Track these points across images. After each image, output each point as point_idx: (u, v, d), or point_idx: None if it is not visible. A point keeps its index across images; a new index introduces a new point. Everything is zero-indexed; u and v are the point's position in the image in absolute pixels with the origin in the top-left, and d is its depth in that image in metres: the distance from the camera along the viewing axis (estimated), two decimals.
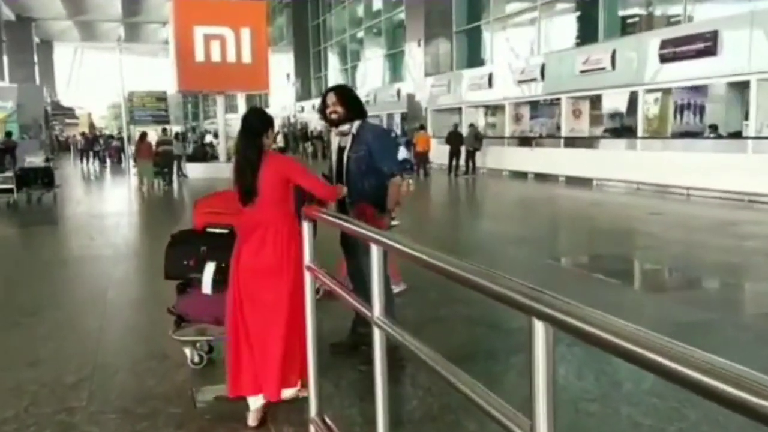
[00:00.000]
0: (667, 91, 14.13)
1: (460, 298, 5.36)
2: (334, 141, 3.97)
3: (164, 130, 20.74)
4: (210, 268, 3.64)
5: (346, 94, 3.90)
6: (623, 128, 15.89)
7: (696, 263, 7.03)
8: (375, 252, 1.98)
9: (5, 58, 39.33)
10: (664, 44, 13.15)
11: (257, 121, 3.22)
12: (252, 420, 3.10)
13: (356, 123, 3.83)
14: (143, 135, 18.25)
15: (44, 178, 13.84)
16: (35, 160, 14.24)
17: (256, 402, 3.12)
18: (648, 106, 14.42)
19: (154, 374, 3.78)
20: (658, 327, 3.63)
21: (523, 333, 1.14)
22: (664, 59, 13.20)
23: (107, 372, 3.83)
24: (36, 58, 51.03)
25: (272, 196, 3.13)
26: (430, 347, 1.58)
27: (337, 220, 2.63)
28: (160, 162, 17.45)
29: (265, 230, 3.09)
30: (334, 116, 3.81)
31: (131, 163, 19.34)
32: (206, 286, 3.63)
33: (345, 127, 3.83)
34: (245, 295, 3.13)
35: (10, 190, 13.02)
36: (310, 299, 2.81)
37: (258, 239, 3.10)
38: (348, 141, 3.83)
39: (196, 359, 3.82)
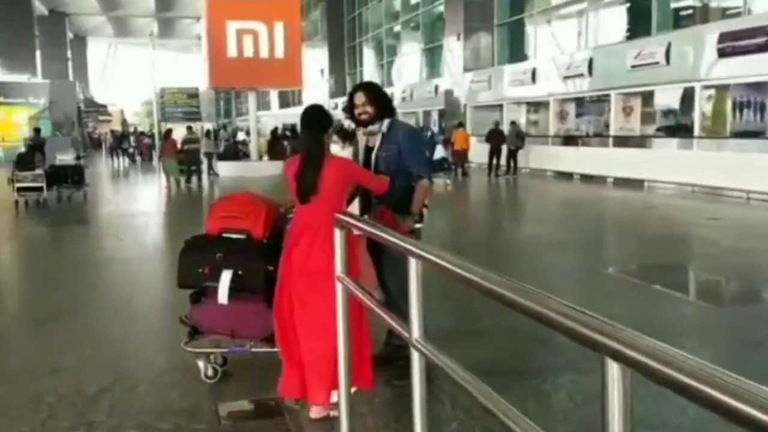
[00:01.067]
0: (725, 88, 13.19)
1: (505, 309, 4.69)
2: (362, 140, 3.76)
3: (189, 128, 20.43)
4: (226, 277, 3.40)
5: (375, 92, 3.68)
6: (678, 127, 14.97)
7: (760, 274, 6.58)
8: (413, 266, 1.76)
9: (38, 54, 39.53)
10: (723, 38, 12.25)
11: (322, 117, 3.22)
12: (314, 412, 3.09)
13: (386, 121, 3.63)
14: (168, 132, 18.32)
15: (74, 176, 13.63)
16: (66, 157, 14.01)
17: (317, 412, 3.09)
18: (705, 104, 13.48)
19: (176, 387, 3.59)
20: (722, 346, 4.34)
21: (573, 348, 1.10)
22: (722, 53, 12.29)
23: (129, 383, 3.65)
24: (69, 54, 51.42)
25: (329, 196, 3.04)
26: (473, 374, 1.46)
27: (370, 228, 2.45)
28: (185, 160, 17.27)
29: (317, 230, 2.98)
30: (364, 117, 3.59)
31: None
32: (222, 296, 3.39)
33: (374, 127, 3.61)
34: (295, 295, 3.06)
35: (40, 188, 12.75)
36: (342, 312, 2.57)
37: (309, 239, 3.01)
38: (377, 140, 3.63)
39: (210, 372, 3.57)
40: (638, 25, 16.49)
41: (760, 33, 11.64)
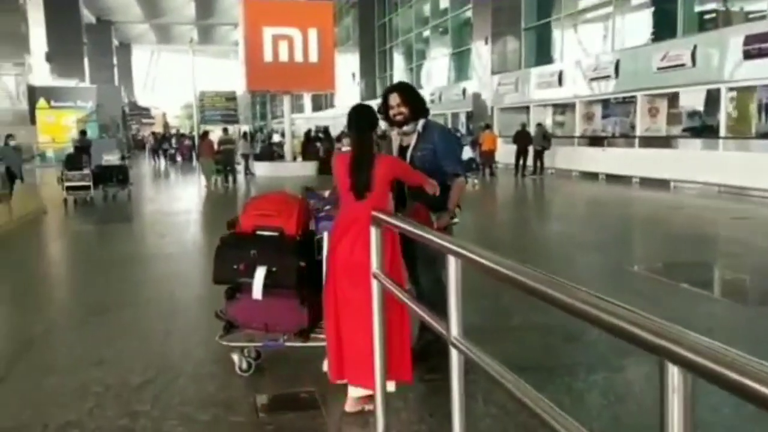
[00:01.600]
0: (751, 89, 13.29)
1: (536, 305, 5.06)
2: (395, 140, 3.82)
3: (225, 130, 21.21)
4: (261, 273, 3.54)
5: (409, 93, 3.74)
6: (703, 128, 15.08)
7: None
8: (452, 264, 1.82)
9: (86, 60, 40.98)
10: (749, 40, 12.37)
11: (371, 116, 3.30)
12: (348, 406, 3.15)
13: (421, 121, 3.71)
14: (204, 134, 18.98)
15: (119, 175, 14.28)
16: (111, 158, 14.68)
17: (356, 391, 3.13)
18: (731, 105, 13.60)
19: (214, 379, 3.72)
20: (752, 344, 3.93)
21: (604, 345, 0.94)
22: (748, 55, 12.42)
23: (170, 375, 3.81)
24: (115, 60, 53.05)
25: (377, 192, 3.13)
26: (513, 373, 1.46)
27: (407, 226, 2.48)
28: (222, 160, 17.95)
29: (364, 225, 2.97)
30: (399, 117, 3.65)
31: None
32: (257, 292, 3.53)
33: (409, 127, 3.68)
34: (339, 291, 3.12)
35: (88, 187, 13.46)
36: (377, 308, 2.69)
37: (355, 234, 3.04)
38: (412, 140, 3.70)
39: (245, 366, 3.71)
40: (664, 28, 16.62)
41: None
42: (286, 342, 3.70)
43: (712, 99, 14.50)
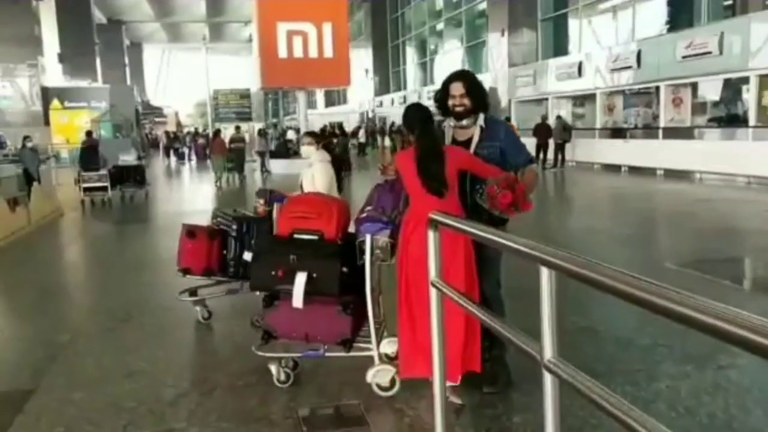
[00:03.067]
0: None
1: (574, 307, 4.90)
2: (448, 133, 3.51)
3: (237, 128, 21.34)
4: (301, 280, 3.34)
5: (474, 83, 3.43)
6: (730, 117, 14.69)
7: None
8: (545, 276, 1.61)
9: (98, 60, 41.10)
10: None
11: (425, 110, 3.31)
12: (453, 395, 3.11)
13: (481, 116, 3.43)
14: (216, 132, 19.37)
15: (136, 176, 14.18)
16: (128, 158, 14.57)
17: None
18: (760, 93, 13.19)
19: (252, 392, 3.53)
20: None
21: (659, 352, 0.77)
22: None
23: (205, 387, 3.63)
24: (127, 60, 53.21)
25: (449, 186, 3.11)
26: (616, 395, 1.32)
27: (471, 229, 2.28)
28: (233, 158, 18.25)
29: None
30: (460, 109, 3.36)
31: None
32: (297, 300, 3.34)
33: (468, 121, 3.40)
34: (412, 282, 3.09)
35: (105, 188, 13.35)
36: (436, 319, 2.46)
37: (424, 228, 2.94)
38: (471, 135, 3.41)
39: (283, 377, 3.54)
40: (687, 16, 16.26)
41: None
42: (327, 353, 3.52)
43: (741, 87, 14.12)
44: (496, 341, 3.28)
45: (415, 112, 3.32)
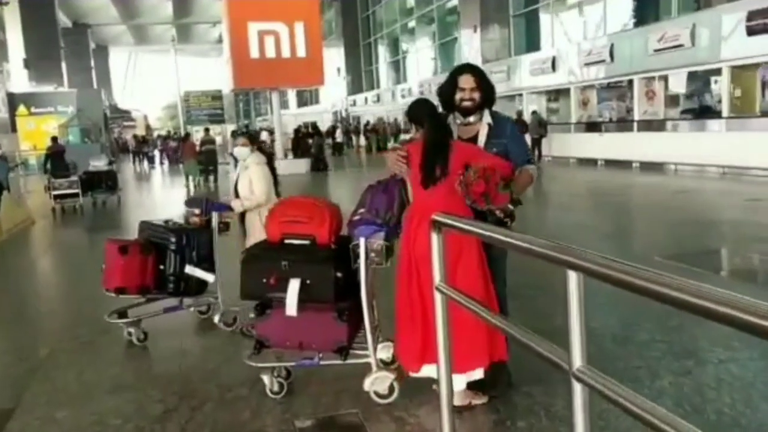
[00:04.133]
0: (754, 67, 13.05)
1: (563, 302, 4.83)
2: (454, 131, 3.31)
3: (207, 130, 21.25)
4: (294, 286, 3.21)
5: (483, 77, 3.28)
6: (703, 109, 14.86)
7: None
8: (572, 280, 1.51)
9: (64, 64, 40.30)
10: (753, 15, 12.11)
11: (431, 104, 3.23)
12: (457, 400, 2.90)
13: (486, 112, 3.29)
14: (186, 136, 19.11)
15: (108, 181, 13.88)
16: (99, 163, 14.24)
17: (460, 381, 2.97)
18: (733, 84, 13.33)
19: (245, 404, 3.39)
20: None
21: (658, 347, 0.80)
22: (752, 32, 12.16)
23: (195, 401, 3.48)
24: (93, 63, 52.28)
25: (452, 179, 2.98)
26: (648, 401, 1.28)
27: (479, 230, 2.18)
28: (204, 161, 18.17)
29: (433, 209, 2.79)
30: (468, 104, 3.19)
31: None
32: (291, 308, 3.21)
33: (475, 117, 3.24)
34: (424, 279, 2.94)
35: (76, 195, 13.03)
36: (442, 325, 2.35)
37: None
38: (480, 133, 3.25)
39: (276, 388, 3.40)
40: (656, 9, 16.43)
41: None
42: (322, 361, 3.39)
43: (711, 79, 14.29)
44: None
45: (422, 106, 3.23)
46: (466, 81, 3.19)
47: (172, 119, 49.23)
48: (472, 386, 3.18)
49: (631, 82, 16.28)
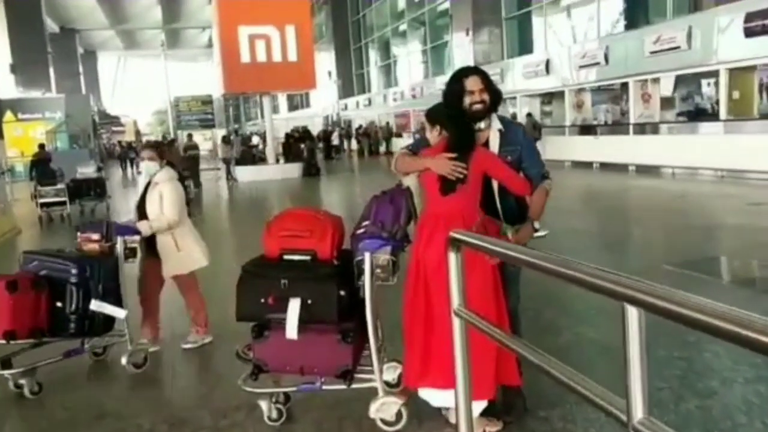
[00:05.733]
0: (751, 69, 12.93)
1: (583, 318, 4.67)
2: None
3: (190, 135, 21.04)
4: (294, 307, 2.97)
5: (489, 79, 3.10)
6: (700, 111, 14.74)
7: None
8: (633, 317, 1.29)
9: (51, 70, 39.90)
10: (751, 17, 11.98)
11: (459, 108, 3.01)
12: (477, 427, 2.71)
13: (496, 117, 3.09)
14: (171, 141, 18.80)
15: (96, 188, 13.59)
16: (87, 170, 13.95)
17: (445, 399, 2.87)
18: (730, 86, 13.19)
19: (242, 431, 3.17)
20: None
21: (677, 365, 1.01)
22: (750, 33, 12.02)
23: (187, 429, 3.27)
24: (81, 68, 51.83)
25: (471, 186, 2.89)
26: None
27: (503, 249, 1.98)
28: (187, 166, 17.92)
29: (453, 221, 2.72)
30: (479, 106, 2.99)
31: None
32: (291, 330, 2.97)
33: (485, 123, 3.05)
34: (435, 286, 2.82)
35: (63, 203, 12.73)
36: (460, 354, 2.17)
37: (444, 231, 2.63)
38: (491, 139, 3.06)
39: (275, 415, 3.18)
40: (652, 10, 16.32)
41: None
42: (324, 386, 3.16)
43: (709, 81, 14.17)
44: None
45: (441, 113, 3.06)
46: (474, 83, 3.01)
47: (162, 124, 48.87)
48: (485, 412, 2.96)
49: (626, 84, 16.14)
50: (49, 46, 40.49)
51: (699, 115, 14.66)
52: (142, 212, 4.33)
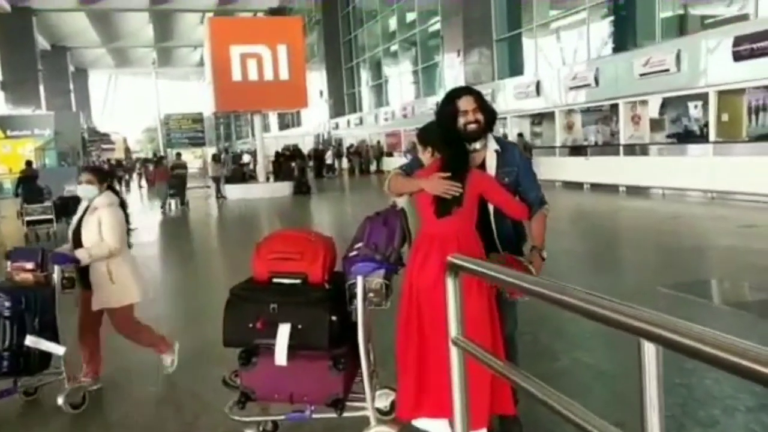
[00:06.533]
0: (740, 92, 13.02)
1: (578, 343, 4.58)
2: None
3: (178, 154, 21.16)
4: (284, 332, 2.85)
5: (483, 99, 3.04)
6: (689, 133, 14.81)
7: None
8: (650, 354, 1.20)
9: (41, 87, 39.81)
10: (739, 41, 12.08)
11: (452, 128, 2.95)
12: None
13: (492, 137, 3.06)
14: (160, 159, 20.15)
15: None
16: (74, 188, 13.75)
17: (439, 428, 2.81)
18: (719, 108, 13.26)
19: None
20: None
21: (677, 392, 1.08)
22: (738, 57, 12.12)
23: None
24: (72, 86, 51.79)
25: (467, 209, 2.84)
26: None
27: (510, 278, 1.83)
28: (175, 184, 18.26)
29: (448, 244, 2.74)
30: (474, 126, 2.93)
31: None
32: (280, 356, 2.85)
33: (480, 143, 2.99)
34: (428, 310, 2.77)
35: (50, 221, 12.56)
36: (458, 384, 2.07)
37: (440, 253, 2.68)
38: (487, 160, 3.00)
39: None
40: (641, 34, 16.46)
41: None
42: (314, 414, 3.04)
43: (698, 104, 14.25)
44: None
45: (434, 134, 3.00)
46: (467, 102, 2.96)
47: (152, 142, 48.68)
48: None
49: (616, 106, 16.22)
50: (39, 63, 40.53)
51: (689, 137, 14.73)
52: (77, 239, 3.95)
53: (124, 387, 4.26)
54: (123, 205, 4.19)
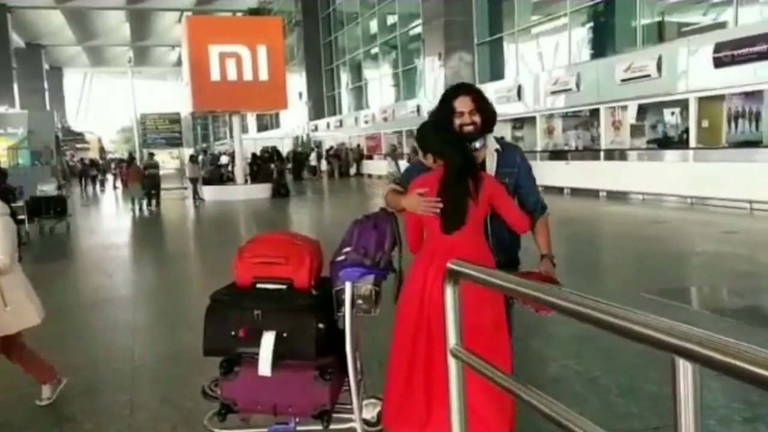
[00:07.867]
0: (720, 98, 13.11)
1: (569, 349, 4.48)
2: None
3: (151, 154, 20.87)
4: (269, 340, 2.70)
5: (482, 97, 2.87)
6: (670, 139, 14.90)
7: None
8: (687, 374, 1.10)
9: (15, 85, 39.08)
10: (720, 47, 12.16)
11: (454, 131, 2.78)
12: None
13: (491, 138, 2.91)
14: (131, 159, 20.32)
15: (57, 207, 13.14)
16: (47, 188, 13.49)
17: None
18: (700, 114, 13.34)
19: None
20: None
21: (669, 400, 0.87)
22: (719, 63, 12.20)
23: None
24: (46, 85, 50.94)
25: (475, 218, 2.70)
26: None
27: (514, 285, 1.74)
28: (147, 184, 18.15)
29: (463, 256, 2.41)
30: (470, 128, 2.78)
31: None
32: (264, 366, 2.69)
33: (479, 143, 2.84)
34: (435, 335, 2.54)
35: (21, 222, 12.21)
36: (456, 398, 1.95)
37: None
38: (487, 161, 2.86)
39: None
40: (621, 39, 16.56)
41: (761, 41, 11.42)
42: (298, 427, 2.88)
43: (681, 109, 14.35)
44: None
45: (438, 131, 2.80)
46: (464, 103, 2.80)
47: (128, 142, 48.00)
48: None
49: (597, 111, 16.27)
50: (14, 61, 39.81)
51: (669, 142, 14.81)
52: None
53: (95, 395, 4.07)
54: (14, 215, 3.78)
